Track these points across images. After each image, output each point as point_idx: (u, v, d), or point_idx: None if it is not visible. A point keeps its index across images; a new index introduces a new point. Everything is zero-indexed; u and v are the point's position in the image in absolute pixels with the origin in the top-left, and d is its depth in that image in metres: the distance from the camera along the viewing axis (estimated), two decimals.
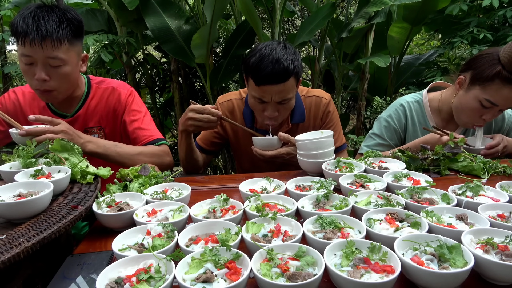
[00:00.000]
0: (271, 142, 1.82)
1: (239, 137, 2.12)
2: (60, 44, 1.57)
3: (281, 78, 1.69)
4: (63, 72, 1.64)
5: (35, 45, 1.53)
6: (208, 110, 1.75)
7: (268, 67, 1.66)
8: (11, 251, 0.84)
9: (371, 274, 0.82)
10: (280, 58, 1.67)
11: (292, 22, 6.49)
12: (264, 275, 0.81)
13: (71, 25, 1.60)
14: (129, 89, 1.94)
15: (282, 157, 1.82)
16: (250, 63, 1.73)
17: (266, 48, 1.72)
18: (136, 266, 0.87)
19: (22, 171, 1.24)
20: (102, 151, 1.67)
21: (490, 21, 3.64)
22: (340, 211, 1.12)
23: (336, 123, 2.07)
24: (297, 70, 1.74)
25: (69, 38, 1.60)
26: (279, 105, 1.80)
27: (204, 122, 1.75)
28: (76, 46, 1.67)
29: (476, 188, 1.29)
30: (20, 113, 1.84)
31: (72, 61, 1.66)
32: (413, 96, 2.17)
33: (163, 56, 4.95)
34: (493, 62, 1.76)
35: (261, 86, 1.71)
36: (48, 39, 1.54)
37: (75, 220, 1.05)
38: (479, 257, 0.85)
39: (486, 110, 1.84)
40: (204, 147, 2.14)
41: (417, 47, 6.58)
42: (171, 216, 1.15)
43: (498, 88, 1.75)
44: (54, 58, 1.58)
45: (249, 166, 2.23)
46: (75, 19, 1.64)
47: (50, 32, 1.54)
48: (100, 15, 4.22)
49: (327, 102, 2.04)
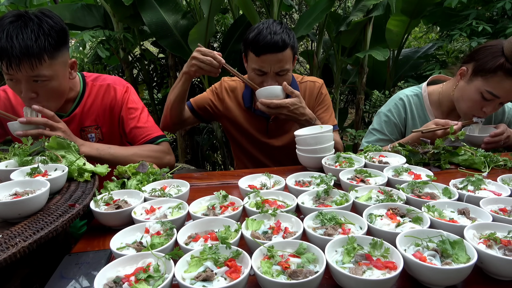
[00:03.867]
0: (274, 91, 1.81)
1: (232, 116, 2.14)
2: (39, 62, 1.44)
3: (279, 47, 1.78)
4: (50, 87, 1.54)
5: (12, 69, 1.42)
6: (213, 54, 1.79)
7: (266, 37, 1.77)
8: (7, 251, 0.83)
9: (373, 271, 0.81)
10: (277, 30, 1.79)
11: (290, 16, 6.46)
12: (264, 273, 0.80)
13: (49, 38, 1.45)
14: (125, 85, 1.89)
15: (287, 107, 1.80)
16: (249, 37, 1.83)
17: (263, 24, 1.84)
18: (134, 265, 0.86)
19: (18, 170, 1.22)
20: (96, 153, 1.64)
21: (489, 13, 3.62)
22: (341, 207, 1.11)
23: (328, 104, 2.16)
24: (293, 43, 1.84)
25: (49, 53, 1.46)
26: (277, 77, 1.87)
27: (206, 64, 1.77)
28: (60, 57, 1.54)
29: (477, 182, 1.28)
30: (12, 113, 1.73)
31: (58, 74, 1.55)
32: (412, 90, 2.16)
33: (161, 51, 4.92)
34: (497, 54, 1.74)
35: (261, 56, 1.80)
36: (25, 61, 1.41)
37: (73, 218, 1.03)
38: (482, 252, 0.84)
39: (487, 102, 1.83)
40: (194, 107, 2.16)
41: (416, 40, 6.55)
42: (170, 214, 1.14)
43: (501, 80, 1.74)
44: (36, 76, 1.48)
45: (242, 151, 2.26)
46: (54, 28, 1.48)
47: (26, 53, 1.40)
48: (96, 10, 4.18)
49: (320, 85, 2.15)
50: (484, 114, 1.88)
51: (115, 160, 1.66)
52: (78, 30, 4.06)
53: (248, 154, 2.22)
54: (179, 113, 2.05)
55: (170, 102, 1.99)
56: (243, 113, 2.12)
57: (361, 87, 4.37)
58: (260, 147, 2.17)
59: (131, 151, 1.75)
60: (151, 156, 1.78)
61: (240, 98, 2.12)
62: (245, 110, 2.11)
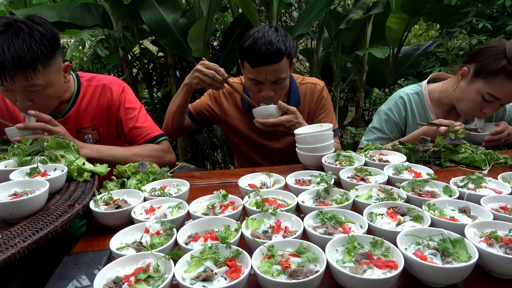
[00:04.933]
0: (270, 110, 1.83)
1: (230, 120, 2.14)
2: (33, 72, 1.43)
3: (275, 58, 1.76)
4: (45, 95, 1.54)
5: (6, 81, 1.41)
6: (216, 67, 1.79)
7: (261, 49, 1.73)
8: (6, 252, 0.82)
9: (374, 270, 0.80)
10: (272, 40, 1.75)
11: (290, 14, 6.43)
12: (265, 272, 0.79)
13: (41, 47, 1.43)
14: (121, 85, 1.87)
15: (283, 124, 1.83)
16: (244, 47, 1.80)
17: (258, 32, 1.79)
18: (134, 265, 0.86)
19: (17, 170, 1.22)
20: (96, 155, 1.63)
21: (489, 10, 3.61)
22: (341, 206, 1.11)
23: (329, 109, 2.16)
24: (289, 51, 1.82)
25: (42, 62, 1.45)
26: (274, 85, 1.86)
27: (209, 78, 1.78)
28: (53, 64, 1.52)
29: (478, 180, 1.28)
30: (8, 117, 1.73)
31: (52, 80, 1.54)
32: (412, 88, 2.15)
33: (160, 50, 4.90)
34: (499, 56, 1.72)
35: (256, 67, 1.79)
36: (19, 72, 1.40)
37: (72, 219, 1.03)
38: (483, 251, 0.84)
39: (487, 104, 1.82)
40: (192, 113, 2.17)
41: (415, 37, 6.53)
42: (170, 213, 1.14)
43: (502, 83, 1.73)
44: (31, 86, 1.47)
45: (241, 154, 2.27)
46: (45, 36, 1.46)
47: (19, 64, 1.39)
48: (95, 9, 4.15)
49: (321, 88, 2.13)
50: (484, 115, 1.87)
51: (116, 161, 1.64)
52: (77, 29, 4.04)
53: (248, 157, 2.22)
54: (181, 122, 2.06)
55: (172, 112, 2.00)
56: (242, 116, 2.11)
57: (361, 85, 4.36)
58: (260, 150, 2.16)
59: (131, 151, 1.75)
60: (152, 156, 1.77)
61: (238, 101, 2.11)
62: (244, 113, 2.10)
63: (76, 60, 4.74)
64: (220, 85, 1.82)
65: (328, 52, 4.52)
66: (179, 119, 2.03)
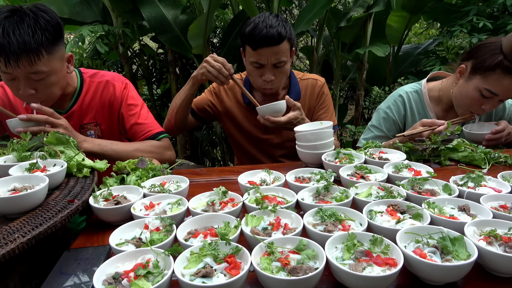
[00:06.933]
0: (280, 106, 1.82)
1: (231, 114, 2.15)
2: (38, 57, 1.43)
3: (276, 41, 1.79)
4: (48, 83, 1.53)
5: (10, 66, 1.40)
6: (224, 61, 1.82)
7: (262, 31, 1.77)
8: (5, 247, 0.82)
9: (373, 267, 0.80)
10: (273, 23, 1.79)
11: (290, 12, 6.41)
12: (264, 269, 0.79)
13: (46, 33, 1.43)
14: (124, 82, 1.87)
15: (291, 122, 1.83)
16: (245, 31, 1.84)
17: (259, 18, 1.84)
18: (134, 261, 0.86)
19: (16, 165, 1.22)
20: (98, 149, 1.63)
21: (490, 9, 3.60)
22: (341, 203, 1.11)
23: (329, 105, 2.17)
24: (290, 35, 1.85)
25: (47, 48, 1.45)
26: (275, 69, 1.88)
27: (216, 70, 1.80)
28: (57, 52, 1.52)
29: (477, 178, 1.28)
30: (10, 109, 1.72)
31: (56, 68, 1.53)
32: (412, 86, 2.15)
33: (160, 47, 4.90)
34: (495, 51, 1.73)
35: (258, 49, 1.81)
36: (24, 57, 1.40)
37: (72, 214, 1.03)
38: (482, 249, 0.84)
39: (486, 100, 1.82)
40: (194, 109, 2.18)
41: (416, 36, 6.53)
42: (169, 210, 1.14)
43: (499, 78, 1.73)
44: (35, 73, 1.46)
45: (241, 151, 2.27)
46: (50, 23, 1.46)
47: (24, 48, 1.38)
48: (95, 5, 4.14)
49: (322, 84, 2.15)
50: (483, 112, 1.87)
51: (118, 156, 1.65)
52: (77, 25, 4.03)
53: (248, 153, 2.23)
54: (184, 117, 2.07)
55: (176, 106, 2.01)
56: (243, 110, 2.13)
57: (361, 83, 4.36)
58: (259, 145, 2.17)
59: (133, 146, 1.75)
60: (152, 152, 1.78)
61: (239, 96, 2.12)
62: (244, 107, 2.11)
63: (76, 56, 4.72)
64: (225, 80, 1.82)
65: (328, 50, 4.52)
66: (183, 114, 2.03)
